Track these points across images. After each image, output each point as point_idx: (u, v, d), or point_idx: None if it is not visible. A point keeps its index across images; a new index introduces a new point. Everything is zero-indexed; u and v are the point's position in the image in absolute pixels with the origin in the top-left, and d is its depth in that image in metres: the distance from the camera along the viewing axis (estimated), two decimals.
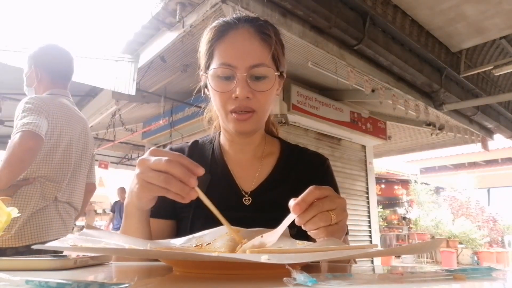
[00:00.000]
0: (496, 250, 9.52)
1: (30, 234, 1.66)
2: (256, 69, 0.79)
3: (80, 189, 1.94)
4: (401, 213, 13.18)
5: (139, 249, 0.49)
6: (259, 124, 0.87)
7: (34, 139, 1.56)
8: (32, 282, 0.31)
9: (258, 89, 0.80)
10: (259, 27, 0.83)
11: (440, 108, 4.64)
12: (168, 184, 0.58)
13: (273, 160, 0.93)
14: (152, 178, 0.59)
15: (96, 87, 4.45)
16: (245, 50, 0.80)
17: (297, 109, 4.74)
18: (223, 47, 0.81)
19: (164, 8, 2.91)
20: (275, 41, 0.83)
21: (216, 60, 0.81)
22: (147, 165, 0.60)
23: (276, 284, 0.38)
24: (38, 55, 1.89)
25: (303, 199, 0.59)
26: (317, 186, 0.61)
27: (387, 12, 3.29)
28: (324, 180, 0.94)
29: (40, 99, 1.75)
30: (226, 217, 0.64)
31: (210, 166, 0.91)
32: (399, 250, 0.46)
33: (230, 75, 0.79)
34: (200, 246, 0.62)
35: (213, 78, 0.81)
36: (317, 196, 0.60)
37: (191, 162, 0.59)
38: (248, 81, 0.79)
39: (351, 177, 5.85)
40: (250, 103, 0.79)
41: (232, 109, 0.80)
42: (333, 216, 0.60)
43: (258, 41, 0.81)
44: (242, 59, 0.79)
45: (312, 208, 0.59)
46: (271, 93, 0.84)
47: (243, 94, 0.77)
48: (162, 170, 0.58)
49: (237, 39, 0.81)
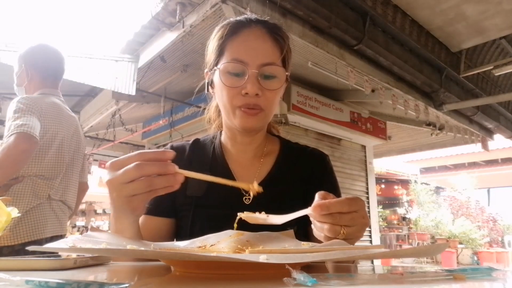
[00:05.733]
0: (496, 250, 9.53)
1: (25, 232, 1.66)
2: (267, 68, 0.80)
3: (73, 188, 1.95)
4: (401, 213, 13.18)
5: (139, 250, 0.49)
6: (264, 123, 0.87)
7: (29, 141, 1.57)
8: (32, 282, 0.31)
9: (267, 87, 0.80)
10: (272, 29, 0.84)
11: (440, 108, 4.64)
12: (152, 185, 0.56)
13: (273, 159, 0.93)
14: (134, 190, 0.56)
15: (96, 87, 4.45)
16: (258, 48, 0.80)
17: (297, 109, 4.73)
18: (236, 44, 0.81)
19: (164, 8, 2.91)
20: (287, 44, 0.85)
21: (227, 56, 0.81)
22: (120, 182, 0.56)
23: (276, 284, 0.38)
24: (29, 55, 1.89)
25: (327, 206, 0.57)
26: (350, 198, 0.58)
27: (387, 12, 3.29)
28: (324, 177, 0.94)
29: (32, 99, 1.75)
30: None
31: (210, 165, 0.91)
32: (403, 252, 0.46)
33: (241, 71, 0.79)
34: (204, 247, 0.61)
35: (223, 74, 0.80)
36: (344, 210, 0.57)
37: (155, 152, 0.57)
38: (259, 79, 0.79)
39: (351, 177, 5.85)
40: (258, 101, 0.79)
41: (240, 105, 0.80)
42: (343, 232, 0.57)
43: (270, 41, 0.82)
44: (254, 56, 0.79)
45: (328, 217, 0.57)
46: (279, 93, 0.84)
47: (253, 90, 0.77)
48: (137, 177, 0.55)
49: (250, 38, 0.81)
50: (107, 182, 0.58)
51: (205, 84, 0.90)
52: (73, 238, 0.52)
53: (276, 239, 0.66)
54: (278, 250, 0.54)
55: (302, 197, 0.88)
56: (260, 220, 0.62)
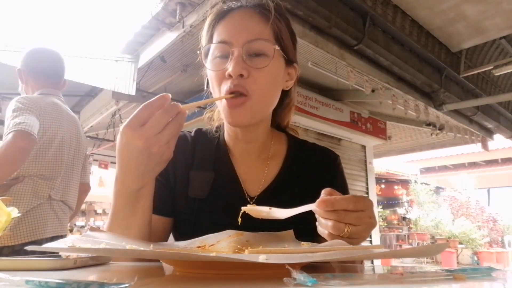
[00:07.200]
0: (496, 250, 9.52)
1: (25, 232, 1.66)
2: (253, 44, 0.72)
3: (74, 188, 1.95)
4: (401, 213, 13.18)
5: (139, 250, 0.49)
6: (256, 114, 0.76)
7: (27, 139, 1.57)
8: (32, 282, 0.31)
9: (254, 65, 0.72)
10: (259, 6, 0.76)
11: (440, 108, 4.64)
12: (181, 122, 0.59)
13: (280, 161, 0.87)
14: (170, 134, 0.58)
15: (96, 87, 4.45)
16: (242, 26, 0.74)
17: (297, 109, 4.73)
18: (221, 27, 0.76)
19: (164, 8, 2.91)
20: (275, 16, 0.76)
21: (214, 41, 0.77)
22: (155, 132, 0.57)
23: (276, 284, 0.38)
24: (24, 59, 1.92)
25: (332, 202, 0.55)
26: (358, 197, 0.57)
27: (387, 12, 3.29)
28: (334, 180, 0.88)
29: (31, 98, 1.76)
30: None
31: (214, 163, 0.85)
32: (403, 252, 0.46)
33: (226, 53, 0.73)
34: (204, 247, 0.61)
35: (210, 61, 0.76)
36: (349, 207, 0.56)
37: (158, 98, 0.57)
38: (244, 58, 0.71)
39: (351, 177, 5.84)
40: (244, 83, 0.71)
41: (226, 90, 0.72)
42: (347, 231, 0.55)
43: (257, 17, 0.75)
44: (238, 34, 0.73)
45: (333, 214, 0.55)
46: (270, 73, 0.74)
47: (236, 70, 0.69)
48: (166, 122, 0.57)
49: (235, 19, 0.76)
50: (140, 141, 0.56)
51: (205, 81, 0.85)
52: (72, 238, 0.51)
53: (276, 239, 0.66)
54: (278, 250, 0.54)
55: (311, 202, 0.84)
56: (263, 213, 0.61)
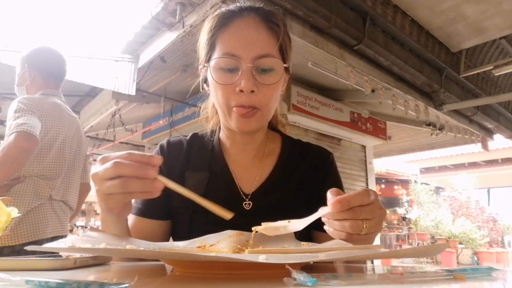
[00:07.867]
0: (496, 250, 9.52)
1: (26, 232, 1.66)
2: (263, 60, 0.72)
3: (74, 188, 1.95)
4: (401, 213, 13.18)
5: (139, 250, 0.49)
6: (263, 123, 0.80)
7: (29, 140, 1.57)
8: (32, 282, 0.31)
9: (264, 82, 0.72)
10: (266, 16, 0.76)
11: (440, 108, 4.64)
12: (126, 187, 0.53)
13: (274, 159, 0.88)
14: (109, 188, 0.54)
15: (96, 87, 4.45)
16: (251, 39, 0.73)
17: (297, 109, 4.73)
18: (227, 36, 0.74)
19: (164, 8, 2.91)
20: (283, 31, 0.76)
21: (218, 50, 0.74)
22: (99, 177, 0.55)
23: (276, 284, 0.38)
24: (32, 56, 1.92)
25: (347, 200, 0.54)
26: (367, 189, 0.56)
27: (387, 12, 3.29)
28: (328, 177, 0.88)
29: (32, 99, 1.76)
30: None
31: (209, 164, 0.85)
32: (403, 252, 0.46)
33: (234, 66, 0.72)
34: (204, 247, 0.61)
35: (215, 70, 0.74)
36: (365, 202, 0.55)
37: (142, 155, 0.55)
38: (254, 73, 0.72)
39: (351, 177, 5.84)
40: (254, 98, 0.72)
41: (235, 104, 0.73)
42: (365, 227, 0.54)
43: (265, 30, 0.74)
44: (248, 49, 0.72)
45: (349, 212, 0.54)
46: (277, 88, 0.76)
47: (248, 87, 0.70)
48: (114, 175, 0.54)
49: (242, 28, 0.74)
50: (93, 175, 0.56)
51: (200, 82, 0.84)
52: (72, 238, 0.51)
53: (276, 239, 0.66)
54: (278, 250, 0.54)
55: (305, 199, 0.84)
56: (281, 229, 0.58)
